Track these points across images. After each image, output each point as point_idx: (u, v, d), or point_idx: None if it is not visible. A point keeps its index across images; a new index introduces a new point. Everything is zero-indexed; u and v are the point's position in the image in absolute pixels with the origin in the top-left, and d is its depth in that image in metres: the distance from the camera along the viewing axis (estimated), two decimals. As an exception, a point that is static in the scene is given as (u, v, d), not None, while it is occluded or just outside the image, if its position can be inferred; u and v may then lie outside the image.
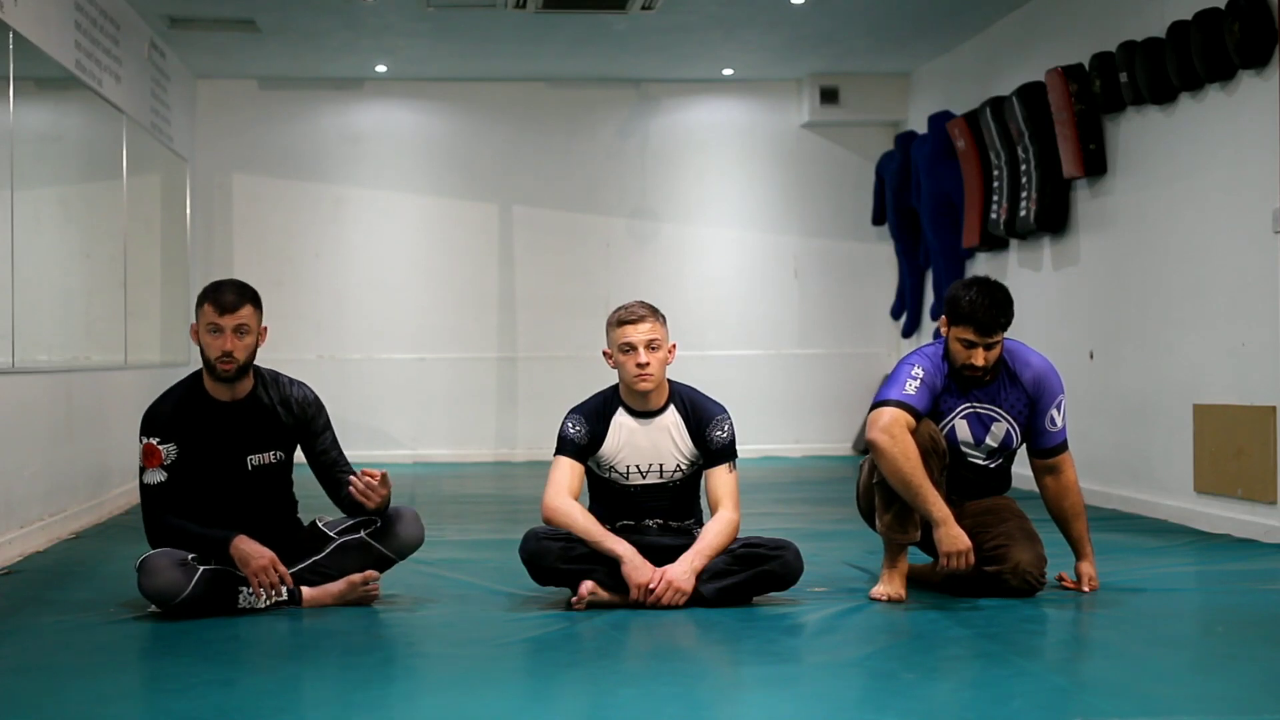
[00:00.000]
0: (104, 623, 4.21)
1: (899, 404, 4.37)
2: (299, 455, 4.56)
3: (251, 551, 4.24)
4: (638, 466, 4.45)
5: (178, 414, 4.33)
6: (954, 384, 4.53)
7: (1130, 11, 7.07)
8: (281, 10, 8.39)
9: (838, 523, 6.53)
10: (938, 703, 3.32)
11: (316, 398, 4.52)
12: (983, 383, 4.54)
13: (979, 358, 4.43)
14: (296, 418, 4.45)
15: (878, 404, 4.41)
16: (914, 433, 4.35)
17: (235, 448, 4.37)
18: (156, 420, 4.33)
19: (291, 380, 4.51)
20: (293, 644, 3.96)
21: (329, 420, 4.53)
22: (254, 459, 4.40)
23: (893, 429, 4.33)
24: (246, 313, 4.31)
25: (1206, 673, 3.61)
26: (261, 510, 4.43)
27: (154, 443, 4.30)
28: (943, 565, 4.38)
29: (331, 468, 4.48)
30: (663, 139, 10.83)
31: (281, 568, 4.26)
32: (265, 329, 4.41)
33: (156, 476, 4.30)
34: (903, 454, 4.30)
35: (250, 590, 4.28)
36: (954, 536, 4.31)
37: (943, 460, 4.45)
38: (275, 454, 4.44)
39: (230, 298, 4.30)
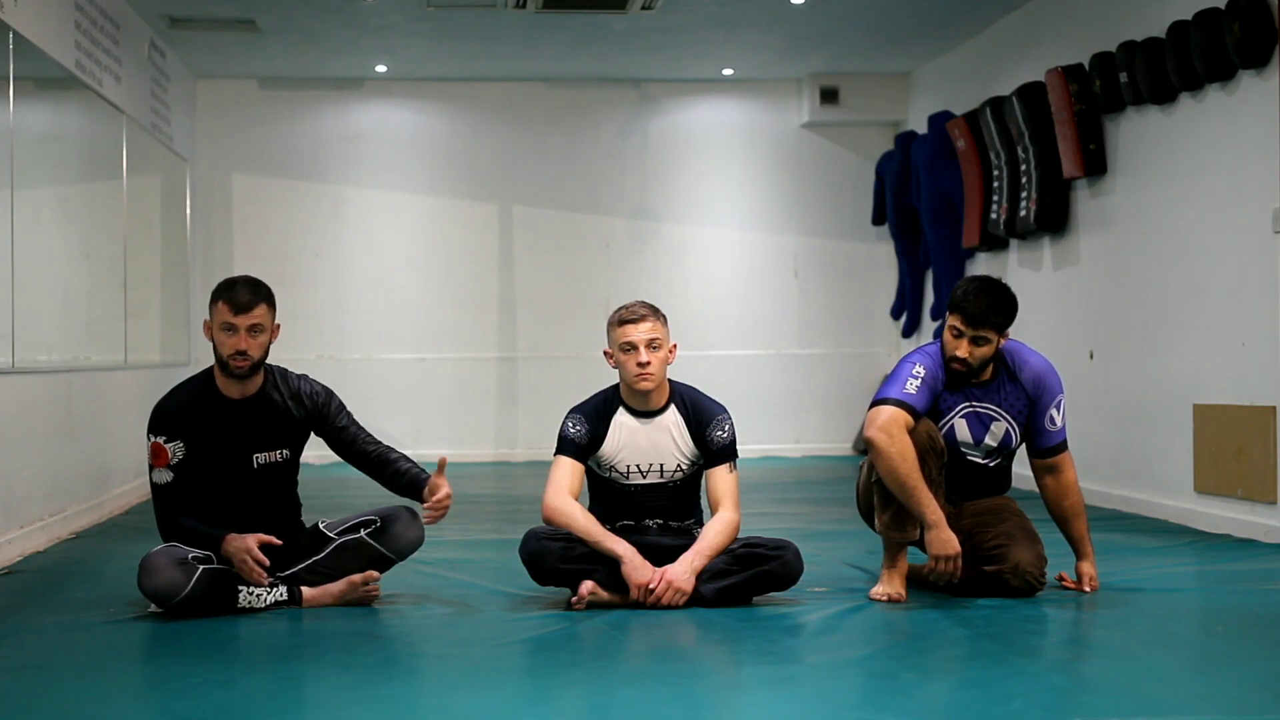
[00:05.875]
0: (104, 623, 4.21)
1: (898, 403, 4.37)
2: (311, 458, 4.57)
3: (231, 549, 4.26)
4: (638, 466, 4.45)
5: (186, 411, 4.33)
6: (953, 382, 4.53)
7: (1130, 11, 7.07)
8: (281, 10, 8.39)
9: (838, 523, 6.53)
10: (938, 703, 3.32)
11: (325, 387, 4.54)
12: (982, 382, 4.54)
13: (963, 349, 4.42)
14: (309, 411, 4.46)
15: (877, 402, 4.41)
16: (912, 432, 4.35)
17: (243, 445, 4.38)
18: (163, 418, 4.33)
19: (299, 375, 4.53)
20: (293, 644, 3.96)
21: (342, 404, 4.54)
22: (260, 457, 4.41)
23: (890, 428, 4.33)
24: (260, 312, 4.31)
25: (1206, 673, 3.61)
26: (265, 510, 4.43)
27: (161, 441, 4.30)
28: (930, 567, 4.38)
29: (354, 443, 4.48)
30: (663, 139, 10.83)
31: (258, 552, 4.25)
32: (278, 326, 4.42)
33: (164, 476, 4.31)
34: (899, 453, 4.30)
35: (250, 590, 4.28)
36: (945, 540, 4.31)
37: (941, 459, 4.45)
38: (282, 452, 4.44)
39: (245, 297, 4.30)
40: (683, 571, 4.29)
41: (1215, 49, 6.17)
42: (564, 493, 4.38)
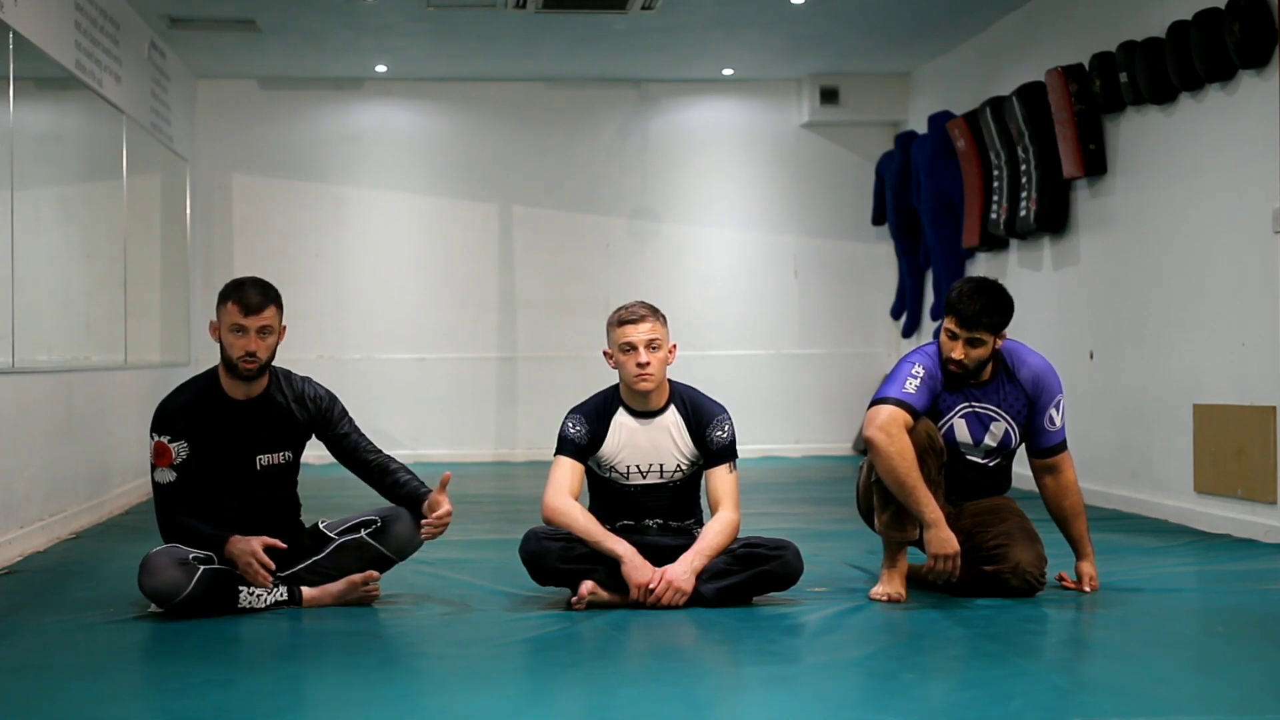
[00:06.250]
0: (104, 623, 4.21)
1: (897, 402, 4.37)
2: (311, 458, 4.57)
3: (236, 551, 4.26)
4: (638, 466, 4.45)
5: (190, 411, 4.33)
6: (952, 382, 4.53)
7: (1130, 11, 7.07)
8: (281, 10, 8.39)
9: (838, 523, 6.53)
10: (938, 703, 3.32)
11: (329, 391, 4.55)
12: (981, 382, 4.54)
13: (958, 351, 4.43)
14: (311, 414, 4.46)
15: (876, 401, 4.41)
16: (911, 431, 4.35)
17: (246, 447, 4.38)
18: (168, 418, 4.33)
19: (303, 378, 4.54)
20: (293, 644, 3.96)
21: (344, 409, 4.55)
22: (263, 459, 4.41)
23: (890, 427, 4.33)
24: (270, 314, 4.33)
25: (1206, 673, 3.61)
26: (266, 511, 4.43)
27: (164, 441, 4.30)
28: (929, 566, 4.38)
29: (355, 451, 4.50)
30: (663, 139, 10.83)
31: (263, 555, 4.26)
32: (284, 327, 4.43)
33: (166, 476, 4.31)
34: (898, 453, 4.30)
35: (251, 590, 4.28)
36: (944, 539, 4.31)
37: (940, 458, 4.45)
38: (284, 454, 4.45)
39: (255, 299, 4.31)
40: (683, 571, 4.29)
41: (1215, 49, 6.17)
42: (564, 493, 4.38)
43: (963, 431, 4.55)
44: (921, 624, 4.13)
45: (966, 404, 4.54)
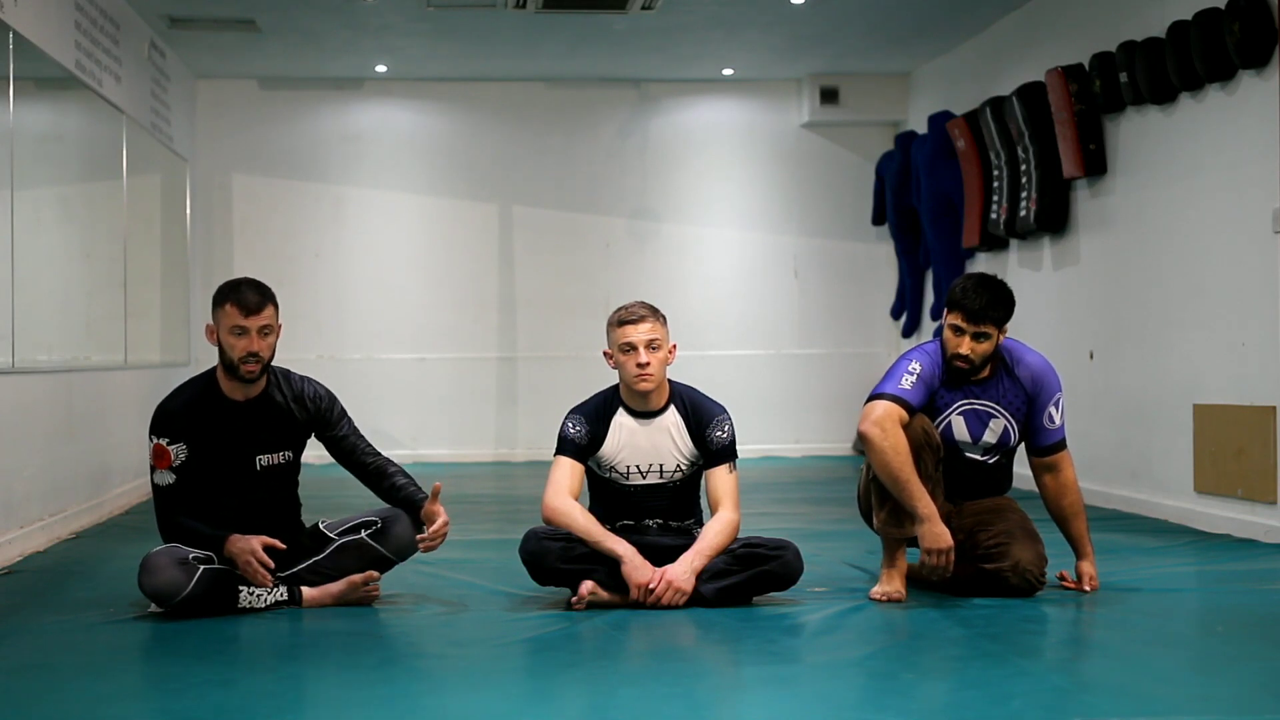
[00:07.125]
0: (104, 623, 4.21)
1: (893, 398, 4.38)
2: (311, 458, 4.58)
3: (236, 550, 4.26)
4: (638, 467, 4.45)
5: (189, 413, 4.33)
6: (952, 379, 4.53)
7: (1130, 11, 7.07)
8: (281, 10, 8.39)
9: (838, 523, 6.53)
10: (938, 703, 3.32)
11: (328, 391, 4.55)
12: (980, 379, 4.54)
13: (965, 346, 4.44)
14: (310, 413, 4.46)
15: (873, 397, 4.41)
16: (907, 427, 4.35)
17: (246, 448, 4.38)
18: (167, 420, 4.32)
19: (302, 377, 4.53)
20: (293, 644, 3.96)
21: (344, 410, 4.55)
22: (263, 459, 4.41)
23: (884, 422, 4.33)
24: (269, 313, 4.32)
25: (1206, 673, 3.61)
26: (266, 511, 4.43)
27: (163, 444, 4.30)
28: (923, 561, 4.37)
29: (353, 453, 4.51)
30: (663, 139, 10.83)
31: (262, 554, 4.27)
32: (280, 325, 4.42)
33: (166, 479, 4.31)
34: (892, 448, 4.30)
35: (251, 590, 4.28)
36: (936, 534, 4.30)
37: (936, 454, 4.44)
38: (284, 454, 4.45)
39: (254, 298, 4.30)
40: (683, 571, 4.29)
41: (1215, 49, 6.17)
42: (564, 493, 4.38)
43: (960, 429, 4.55)
44: (921, 624, 4.13)
45: (965, 401, 4.54)
